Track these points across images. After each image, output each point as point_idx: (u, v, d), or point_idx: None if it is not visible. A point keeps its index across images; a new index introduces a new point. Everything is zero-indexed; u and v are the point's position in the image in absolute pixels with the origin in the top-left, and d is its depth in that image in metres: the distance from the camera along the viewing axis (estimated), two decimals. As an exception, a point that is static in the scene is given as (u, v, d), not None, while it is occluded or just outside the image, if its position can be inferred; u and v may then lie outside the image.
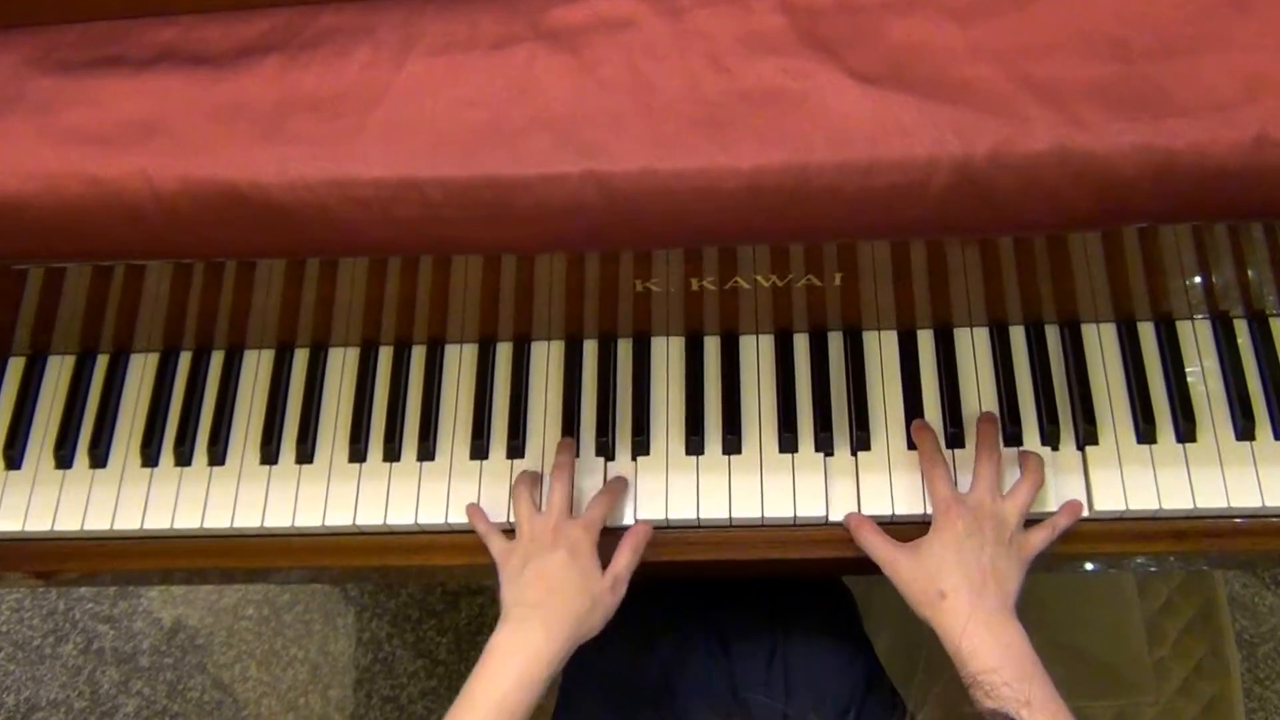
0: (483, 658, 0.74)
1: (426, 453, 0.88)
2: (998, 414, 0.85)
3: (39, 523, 0.88)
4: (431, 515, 0.86)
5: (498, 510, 0.85)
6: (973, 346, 0.88)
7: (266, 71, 0.69)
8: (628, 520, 0.84)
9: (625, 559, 0.80)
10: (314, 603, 1.63)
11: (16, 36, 0.72)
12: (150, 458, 0.90)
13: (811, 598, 0.97)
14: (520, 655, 0.73)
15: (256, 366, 0.93)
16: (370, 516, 0.86)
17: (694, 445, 0.86)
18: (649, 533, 0.83)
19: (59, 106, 0.69)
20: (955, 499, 0.78)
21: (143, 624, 1.64)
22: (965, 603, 0.73)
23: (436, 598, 1.63)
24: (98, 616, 1.65)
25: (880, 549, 0.80)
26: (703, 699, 0.90)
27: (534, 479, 0.85)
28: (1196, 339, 0.86)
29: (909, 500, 0.83)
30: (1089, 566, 0.88)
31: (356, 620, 1.62)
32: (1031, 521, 0.80)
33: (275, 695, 1.59)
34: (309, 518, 0.87)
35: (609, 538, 0.81)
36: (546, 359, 0.91)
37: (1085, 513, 0.82)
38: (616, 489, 0.84)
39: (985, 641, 0.71)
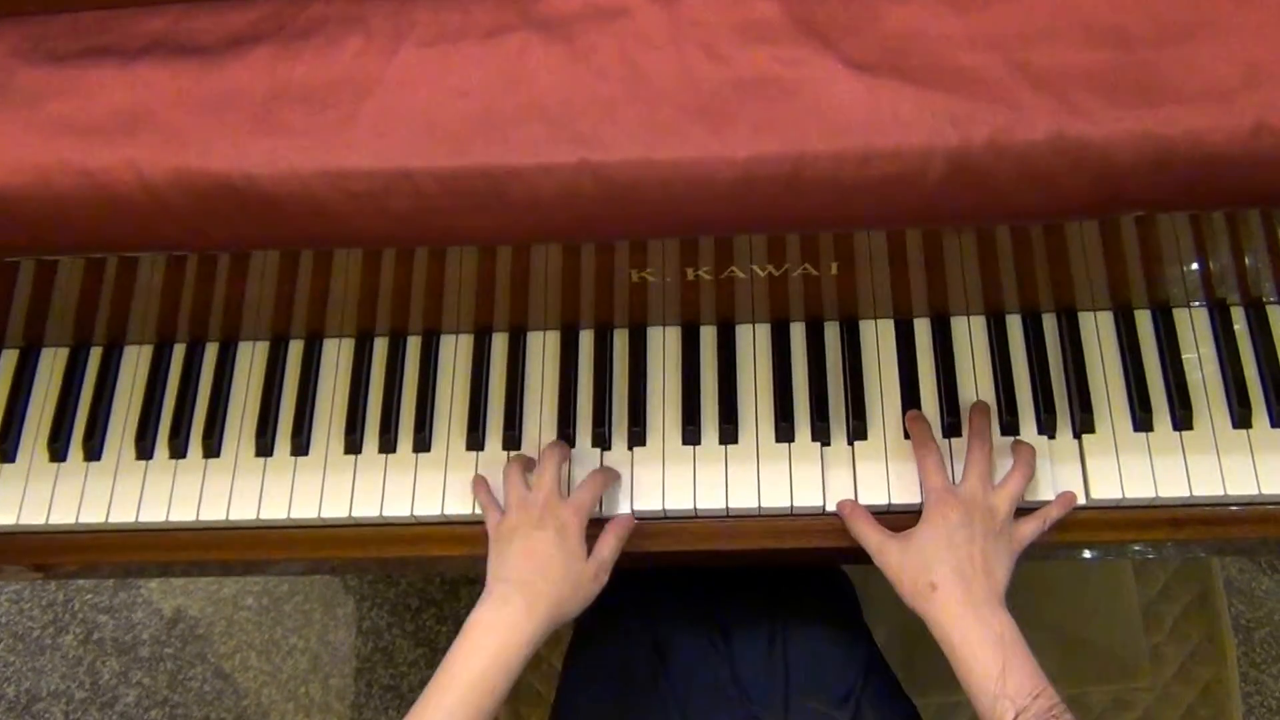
0: (462, 632, 0.74)
1: (422, 444, 0.88)
2: (994, 403, 0.85)
3: (34, 516, 0.88)
4: (428, 507, 0.86)
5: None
6: (969, 335, 0.88)
7: (257, 62, 0.68)
8: (623, 510, 0.84)
9: (610, 546, 0.80)
10: (313, 592, 1.64)
11: (4, 27, 0.71)
12: (145, 450, 0.90)
13: (811, 586, 0.97)
14: (498, 633, 0.73)
15: (251, 358, 0.92)
16: (366, 508, 0.86)
17: (690, 435, 0.86)
18: (632, 522, 0.83)
19: (48, 98, 0.68)
20: (948, 489, 0.78)
21: (143, 614, 1.64)
22: (957, 595, 0.73)
23: (436, 586, 1.63)
24: (97, 607, 1.65)
25: (870, 537, 0.80)
26: (704, 688, 0.90)
27: (527, 461, 0.85)
28: (1193, 327, 0.86)
29: (905, 490, 0.83)
30: (1086, 554, 0.88)
31: (356, 609, 1.62)
32: (1024, 511, 0.80)
33: (276, 685, 1.59)
34: (305, 510, 0.86)
35: (595, 528, 0.81)
36: (542, 349, 0.91)
37: (1082, 500, 0.82)
38: (608, 475, 0.84)
39: (977, 634, 0.72)
